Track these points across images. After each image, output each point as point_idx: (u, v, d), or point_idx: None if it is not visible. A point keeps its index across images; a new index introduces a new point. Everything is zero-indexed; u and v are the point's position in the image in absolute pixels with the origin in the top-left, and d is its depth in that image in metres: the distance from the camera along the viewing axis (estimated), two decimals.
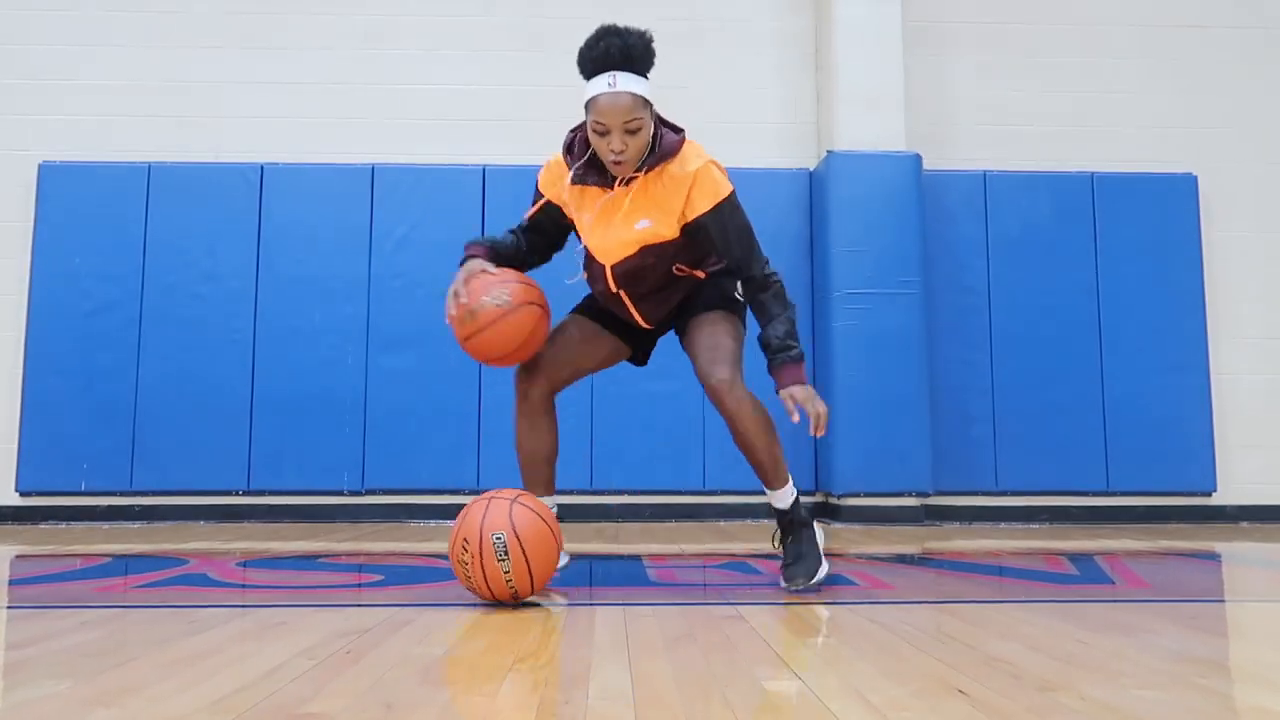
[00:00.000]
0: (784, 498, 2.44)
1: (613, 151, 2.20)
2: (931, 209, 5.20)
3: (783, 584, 2.38)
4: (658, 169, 2.28)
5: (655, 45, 2.27)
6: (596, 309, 2.58)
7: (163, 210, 5.13)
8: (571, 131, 2.39)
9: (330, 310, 5.12)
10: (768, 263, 2.39)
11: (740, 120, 5.46)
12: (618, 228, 2.33)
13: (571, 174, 2.33)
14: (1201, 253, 5.35)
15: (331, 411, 5.05)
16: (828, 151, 5.15)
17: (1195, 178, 5.40)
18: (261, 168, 5.19)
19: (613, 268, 2.39)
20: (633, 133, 2.19)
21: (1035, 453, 5.15)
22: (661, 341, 2.69)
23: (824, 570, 2.39)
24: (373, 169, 5.22)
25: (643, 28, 2.27)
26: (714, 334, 2.43)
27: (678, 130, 2.36)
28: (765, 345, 2.36)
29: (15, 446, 4.99)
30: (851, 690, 1.40)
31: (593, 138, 2.23)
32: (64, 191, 5.13)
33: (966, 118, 5.51)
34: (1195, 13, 5.63)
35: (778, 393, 2.32)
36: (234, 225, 5.14)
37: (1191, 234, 5.35)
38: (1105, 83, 5.57)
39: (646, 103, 2.22)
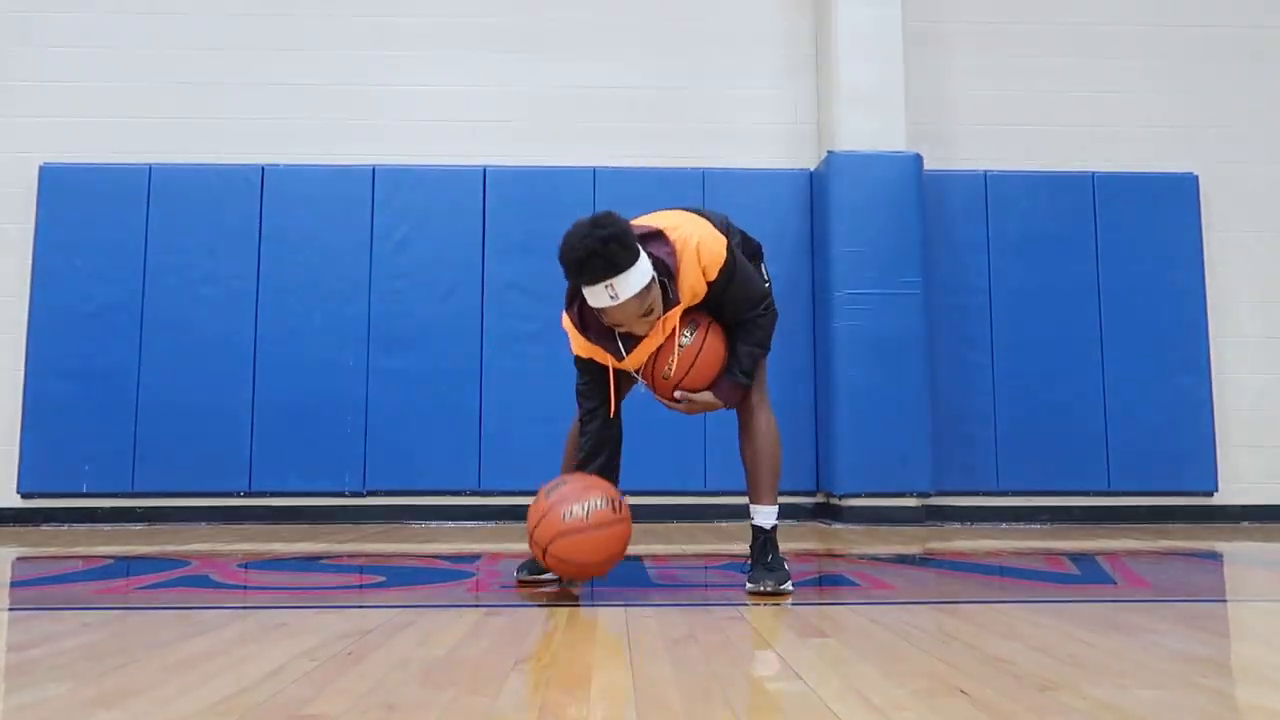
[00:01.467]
0: (771, 516, 2.52)
1: (638, 334, 2.31)
2: (932, 209, 5.20)
3: (749, 586, 2.42)
4: (676, 298, 2.33)
5: (629, 238, 2.18)
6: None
7: (164, 212, 5.14)
8: (571, 308, 2.38)
9: (331, 311, 5.12)
10: (768, 295, 2.50)
11: (741, 121, 5.47)
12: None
13: (613, 354, 2.39)
14: (1202, 252, 5.35)
15: (333, 413, 5.05)
16: (828, 152, 5.15)
17: (1196, 177, 5.40)
18: (262, 169, 5.20)
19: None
20: (647, 314, 2.24)
21: (1036, 453, 5.15)
22: None
23: (791, 584, 2.43)
24: (373, 170, 5.22)
25: (608, 219, 2.18)
26: (755, 379, 2.51)
27: (657, 234, 2.32)
28: (734, 358, 2.46)
29: (17, 448, 4.99)
30: (853, 690, 1.40)
31: (607, 321, 2.28)
32: (65, 193, 5.13)
33: (967, 118, 5.51)
34: (1195, 13, 5.63)
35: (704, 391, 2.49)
36: (235, 227, 5.14)
37: (1192, 234, 5.35)
38: (1106, 83, 5.57)
39: (649, 289, 2.22)
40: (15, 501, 4.99)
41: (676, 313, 2.36)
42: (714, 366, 2.44)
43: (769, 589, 2.38)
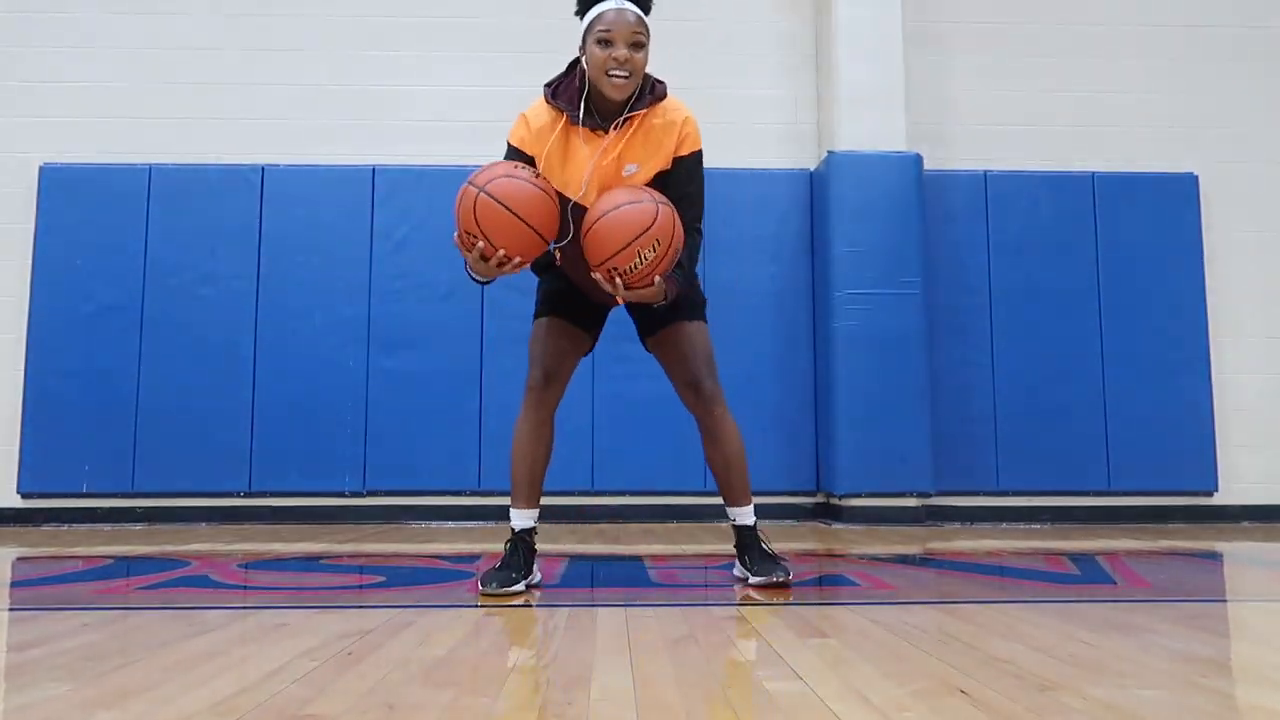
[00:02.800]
0: (750, 514, 2.58)
1: (615, 61, 2.24)
2: (932, 209, 5.20)
3: (755, 580, 2.47)
4: (650, 109, 2.33)
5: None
6: (563, 303, 2.54)
7: (164, 212, 5.14)
8: (548, 85, 2.40)
9: (331, 311, 5.12)
10: (699, 214, 2.45)
11: (741, 120, 5.46)
12: (607, 172, 2.33)
13: (569, 115, 2.32)
14: (1203, 252, 5.35)
15: (333, 413, 5.05)
16: (828, 152, 5.15)
17: (1196, 177, 5.39)
18: (262, 169, 5.20)
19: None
20: (636, 47, 2.26)
21: (1036, 453, 5.15)
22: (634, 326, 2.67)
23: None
24: (373, 170, 5.22)
25: None
26: (700, 343, 2.51)
27: (661, 81, 2.40)
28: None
29: (17, 448, 4.99)
30: (853, 691, 1.40)
31: (594, 52, 2.27)
32: (65, 193, 5.13)
33: (967, 118, 5.51)
34: (1195, 13, 5.63)
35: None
36: (235, 227, 5.14)
37: (1193, 234, 5.35)
38: (1106, 83, 5.57)
39: (648, 31, 2.29)
40: (15, 501, 4.99)
41: (643, 122, 2.32)
42: (632, 225, 2.19)
43: (781, 579, 2.41)
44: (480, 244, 2.25)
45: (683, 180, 2.37)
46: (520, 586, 2.42)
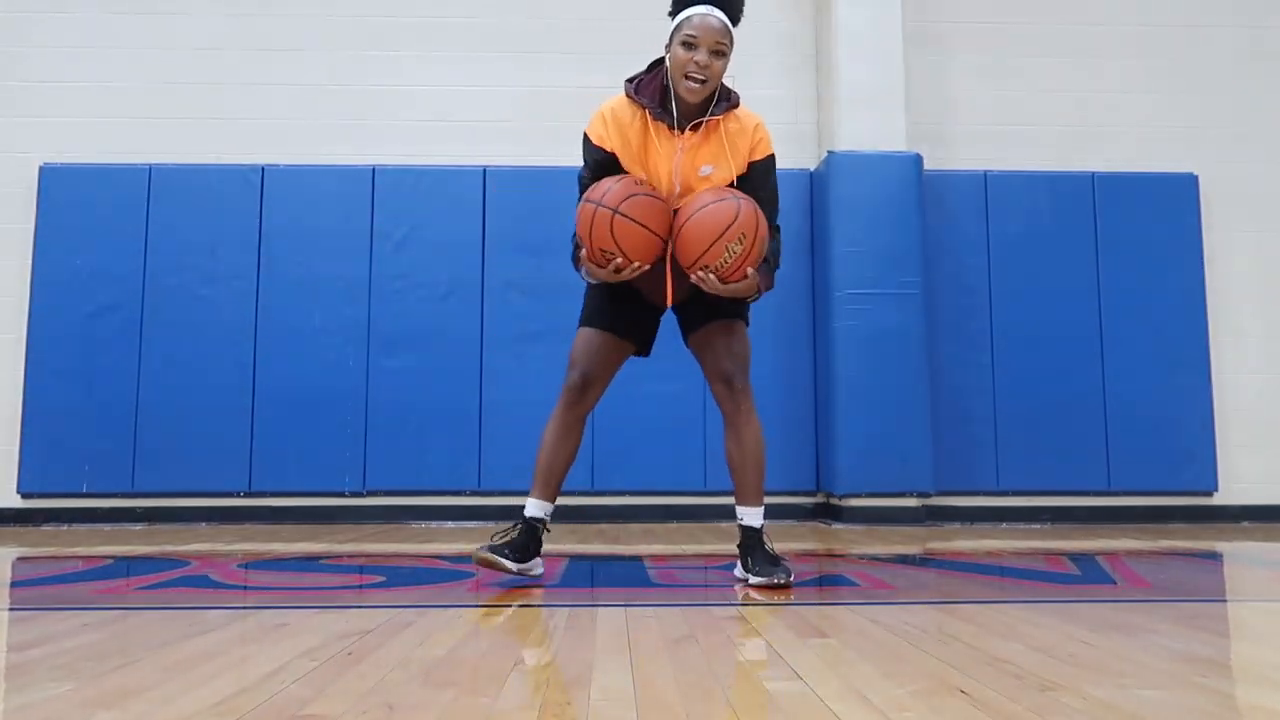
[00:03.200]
0: (758, 516, 2.59)
1: (695, 64, 2.33)
2: (932, 209, 5.20)
3: (756, 580, 2.49)
4: (725, 115, 2.43)
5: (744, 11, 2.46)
6: (613, 315, 2.57)
7: (164, 212, 5.14)
8: (630, 81, 2.48)
9: (331, 311, 5.12)
10: (777, 208, 2.56)
11: None
12: (686, 166, 2.42)
13: (651, 111, 2.41)
14: (1202, 252, 5.35)
15: (333, 412, 5.05)
16: (828, 152, 5.15)
17: (1196, 177, 5.40)
18: (262, 169, 5.20)
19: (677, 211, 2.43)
20: (717, 55, 2.35)
21: (1036, 453, 5.15)
22: (662, 344, 2.71)
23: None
24: (373, 170, 5.22)
25: None
26: (738, 342, 2.60)
27: (736, 93, 2.50)
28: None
29: (17, 448, 4.99)
30: (853, 691, 1.40)
31: (677, 53, 2.36)
32: (65, 193, 5.13)
33: (967, 118, 5.51)
34: (1195, 13, 5.63)
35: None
36: (235, 226, 5.14)
37: (1192, 234, 5.35)
38: (1105, 83, 5.57)
39: (732, 41, 2.39)
40: (15, 501, 4.99)
41: (717, 126, 2.41)
42: (717, 221, 2.30)
43: (782, 580, 2.43)
44: (618, 259, 2.34)
45: (758, 183, 2.46)
46: (510, 565, 2.47)
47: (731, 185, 2.43)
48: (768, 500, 2.65)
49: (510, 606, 2.25)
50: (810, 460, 5.13)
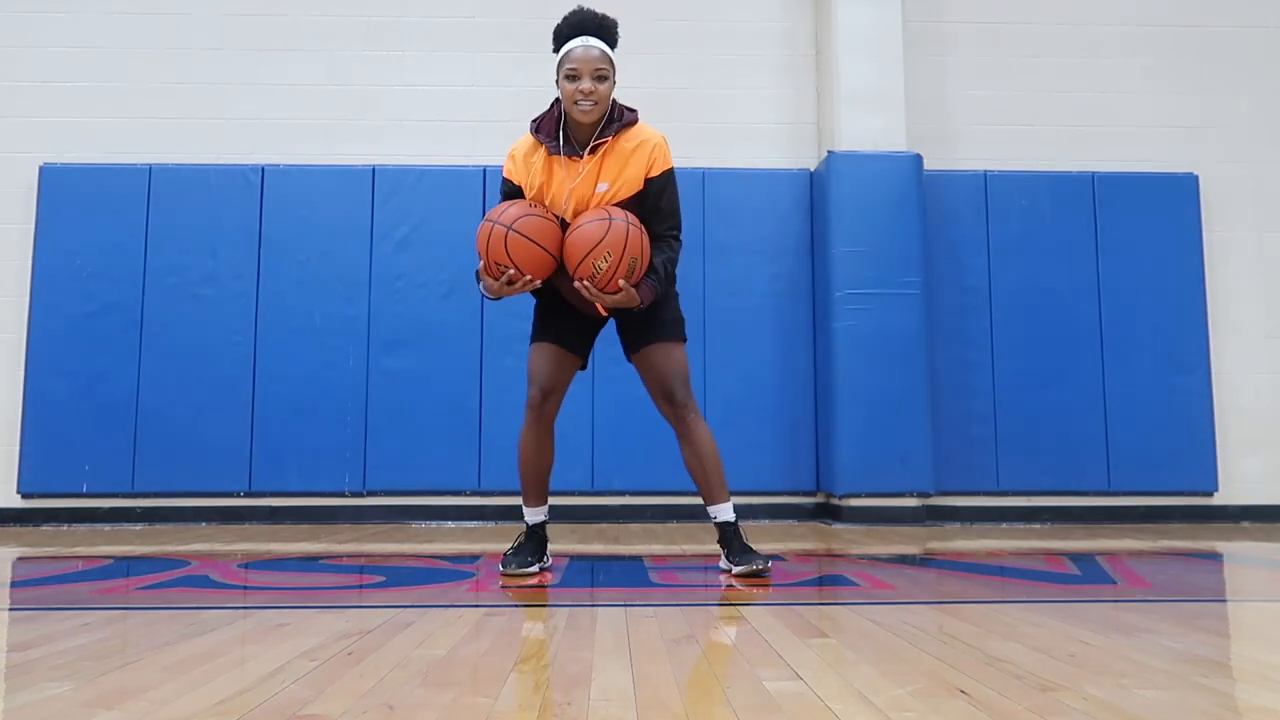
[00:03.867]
0: (729, 510, 2.78)
1: (581, 93, 2.55)
2: (932, 209, 5.21)
3: (738, 570, 2.67)
4: (619, 135, 2.63)
5: (616, 31, 2.67)
6: (555, 328, 2.78)
7: (164, 211, 5.14)
8: (534, 121, 2.71)
9: (331, 311, 5.12)
10: (680, 227, 2.75)
11: (741, 121, 5.47)
12: (581, 190, 2.63)
13: (548, 147, 2.64)
14: (1203, 252, 5.35)
15: (333, 413, 5.05)
16: (828, 152, 5.15)
17: (1196, 177, 5.39)
18: (262, 169, 5.20)
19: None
20: (600, 79, 2.57)
21: (1036, 453, 5.15)
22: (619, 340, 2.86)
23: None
24: (373, 170, 5.22)
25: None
26: (675, 360, 2.74)
27: (633, 110, 2.70)
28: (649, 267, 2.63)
29: (17, 448, 4.99)
30: (853, 691, 1.40)
31: (564, 86, 2.59)
32: (65, 193, 5.13)
33: (967, 118, 5.51)
34: (1195, 13, 5.63)
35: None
36: (235, 226, 5.14)
37: (1192, 234, 5.35)
38: (1106, 82, 5.57)
39: (612, 64, 2.61)
40: (15, 501, 4.99)
41: (613, 146, 2.62)
42: (585, 239, 2.53)
43: (760, 567, 2.63)
44: (511, 271, 2.54)
45: (654, 196, 2.66)
46: (535, 569, 2.78)
47: (630, 199, 2.62)
48: (768, 500, 2.71)
49: (510, 606, 2.25)
50: (810, 460, 5.13)
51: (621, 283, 2.52)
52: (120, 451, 4.97)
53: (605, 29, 2.63)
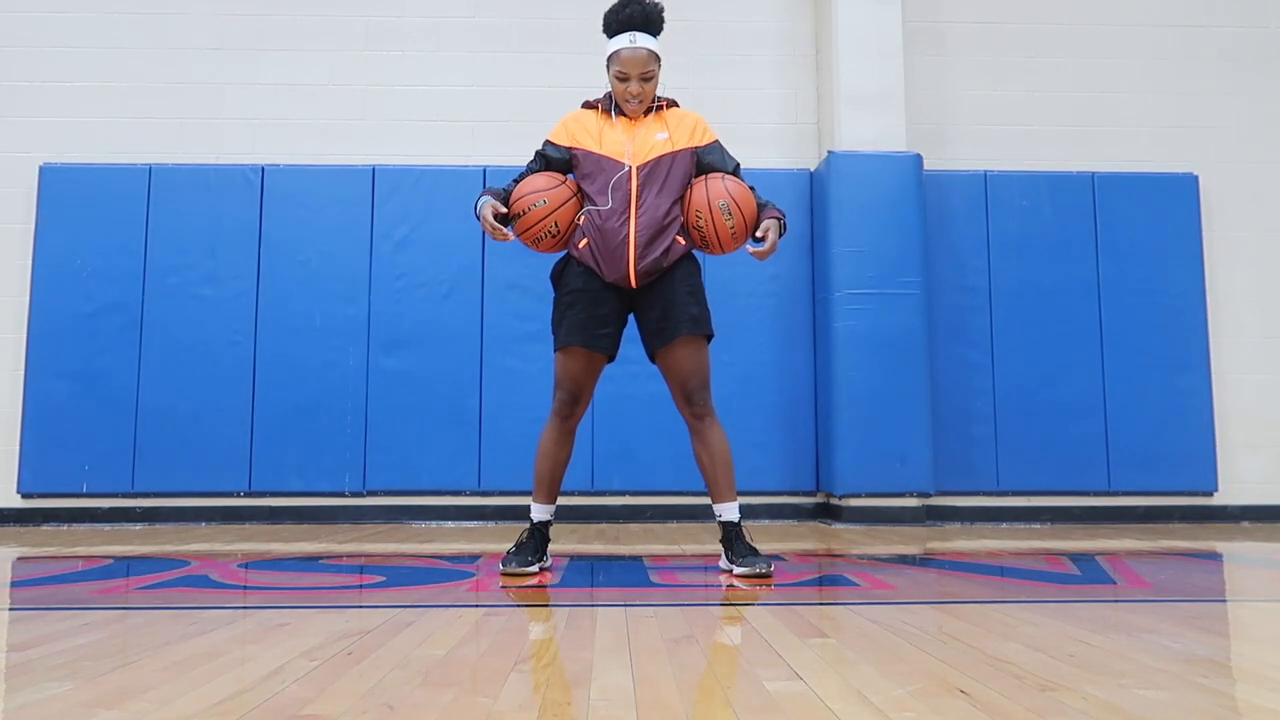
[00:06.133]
0: (734, 510, 2.79)
1: (630, 94, 2.76)
2: (932, 209, 5.21)
3: (740, 570, 2.68)
4: (661, 111, 2.85)
5: (662, 17, 2.80)
6: (581, 329, 2.77)
7: (164, 211, 5.14)
8: (585, 103, 2.94)
9: (331, 311, 5.12)
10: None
11: (741, 120, 5.46)
12: (642, 138, 2.79)
13: (603, 109, 2.86)
14: (1202, 253, 5.35)
15: (333, 413, 5.05)
16: (828, 152, 5.15)
17: (1196, 178, 5.39)
18: (262, 169, 5.20)
19: (639, 168, 2.75)
20: (646, 80, 2.76)
21: (1036, 453, 5.15)
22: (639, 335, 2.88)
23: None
24: (373, 170, 5.22)
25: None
26: (700, 359, 2.78)
27: (674, 101, 2.94)
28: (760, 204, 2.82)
29: (17, 448, 4.99)
30: (853, 691, 1.40)
31: (614, 83, 2.78)
32: (65, 193, 5.13)
33: (967, 118, 5.51)
34: (1195, 13, 5.63)
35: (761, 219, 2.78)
36: (235, 226, 5.14)
37: (1192, 234, 5.35)
38: (1106, 83, 5.57)
39: (658, 58, 2.77)
40: (15, 501, 4.99)
41: (655, 116, 2.84)
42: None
43: (763, 570, 2.64)
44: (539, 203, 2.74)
45: (720, 156, 2.86)
46: (535, 568, 2.79)
47: (684, 153, 2.81)
48: (768, 500, 2.71)
49: (510, 606, 2.25)
50: (810, 460, 5.13)
51: (767, 222, 2.74)
52: (120, 451, 4.97)
53: (651, 22, 2.75)
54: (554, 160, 2.84)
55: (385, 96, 5.42)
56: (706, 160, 2.83)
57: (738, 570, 2.69)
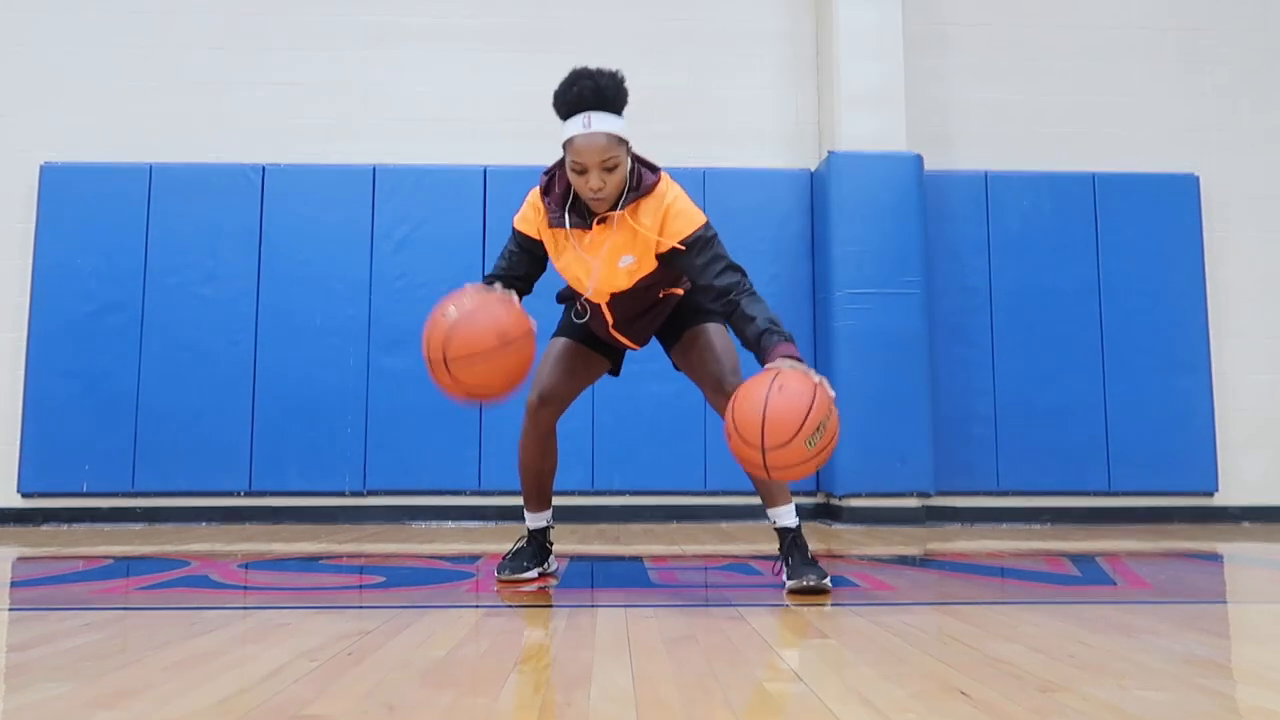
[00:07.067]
0: (788, 515, 2.48)
1: (591, 189, 2.22)
2: (933, 209, 5.20)
3: (790, 585, 2.39)
4: (634, 205, 2.29)
5: (628, 85, 2.28)
6: (582, 328, 2.58)
7: (164, 211, 5.14)
8: (546, 174, 2.40)
9: (332, 311, 5.12)
10: (740, 273, 2.29)
11: (742, 121, 5.47)
12: (605, 266, 2.34)
13: (550, 218, 2.35)
14: (1203, 253, 5.35)
15: (333, 412, 5.05)
16: (829, 152, 5.15)
17: (1197, 178, 5.39)
18: (263, 168, 5.20)
19: (608, 305, 2.45)
20: (610, 170, 2.22)
21: (1037, 453, 5.15)
22: (659, 343, 2.71)
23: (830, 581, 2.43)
24: (374, 170, 5.22)
25: (613, 68, 2.27)
26: (718, 343, 2.48)
27: (655, 169, 2.36)
28: (755, 338, 2.21)
29: (17, 448, 4.99)
30: (853, 692, 1.40)
31: (571, 176, 2.25)
32: (66, 192, 5.13)
33: (968, 118, 5.51)
34: (1195, 13, 5.63)
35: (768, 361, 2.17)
36: (236, 226, 5.14)
37: (1193, 234, 5.35)
38: (1106, 83, 5.57)
39: (622, 141, 2.23)
40: (15, 501, 4.99)
41: (619, 227, 2.29)
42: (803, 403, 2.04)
43: (811, 583, 2.34)
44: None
45: (690, 267, 2.30)
46: (533, 574, 2.64)
47: (655, 270, 2.35)
48: None
49: (510, 606, 2.25)
50: None
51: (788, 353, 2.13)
52: (120, 451, 4.97)
53: (608, 99, 2.22)
54: (526, 248, 2.45)
55: (386, 96, 5.42)
56: (677, 263, 2.30)
57: (789, 585, 2.39)
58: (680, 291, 2.51)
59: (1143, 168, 5.42)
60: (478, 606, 2.25)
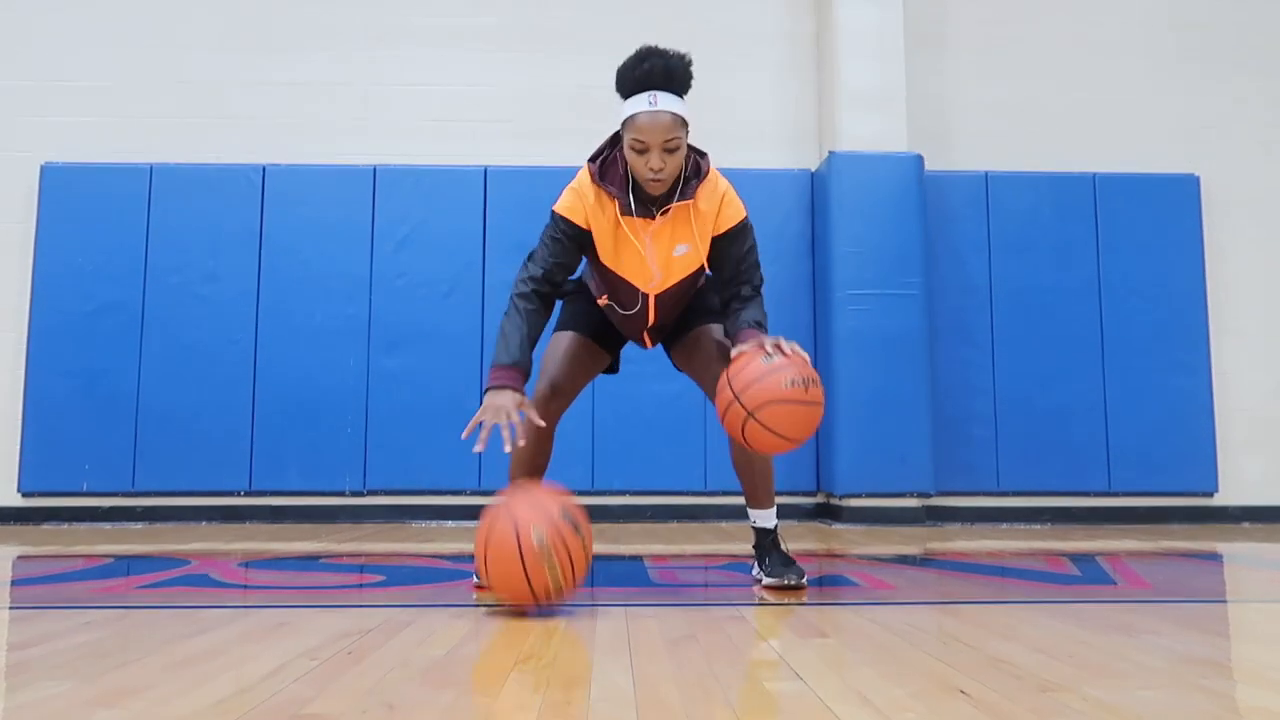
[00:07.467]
0: (770, 517, 2.55)
1: (651, 170, 2.21)
2: (933, 209, 5.20)
3: (769, 581, 2.45)
4: (697, 194, 2.32)
5: (689, 70, 2.30)
6: (589, 324, 2.56)
7: (165, 211, 5.14)
8: (593, 159, 2.35)
9: (332, 310, 5.12)
10: (762, 279, 2.46)
11: (742, 121, 5.46)
12: (662, 257, 2.36)
13: (620, 202, 2.30)
14: (1203, 253, 5.35)
15: (333, 412, 5.05)
16: (830, 152, 5.15)
17: (1197, 178, 5.39)
18: (263, 168, 5.20)
19: (657, 297, 2.43)
20: (671, 151, 2.22)
21: (1037, 453, 5.15)
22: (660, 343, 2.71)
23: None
24: (374, 170, 5.22)
25: (682, 50, 2.29)
26: (723, 345, 2.45)
27: (703, 154, 2.40)
28: (744, 324, 2.33)
29: (17, 447, 4.99)
30: (853, 691, 1.40)
31: (630, 155, 2.23)
32: (66, 192, 5.13)
33: (968, 118, 5.51)
34: (1195, 13, 5.63)
35: (736, 344, 2.28)
36: (236, 226, 5.14)
37: (1193, 234, 5.35)
38: (1107, 83, 5.57)
39: (685, 123, 2.25)
40: (16, 500, 4.99)
41: (677, 216, 2.31)
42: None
43: (793, 582, 2.41)
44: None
45: (731, 254, 2.41)
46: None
47: (710, 251, 2.39)
48: None
49: (510, 606, 2.25)
50: (810, 460, 5.13)
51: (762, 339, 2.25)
52: (121, 450, 4.97)
53: (675, 79, 2.24)
54: (576, 240, 2.35)
55: (386, 96, 5.42)
56: (716, 250, 2.39)
57: (766, 582, 2.47)
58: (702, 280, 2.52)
59: (1143, 168, 5.42)
60: (478, 606, 2.25)
